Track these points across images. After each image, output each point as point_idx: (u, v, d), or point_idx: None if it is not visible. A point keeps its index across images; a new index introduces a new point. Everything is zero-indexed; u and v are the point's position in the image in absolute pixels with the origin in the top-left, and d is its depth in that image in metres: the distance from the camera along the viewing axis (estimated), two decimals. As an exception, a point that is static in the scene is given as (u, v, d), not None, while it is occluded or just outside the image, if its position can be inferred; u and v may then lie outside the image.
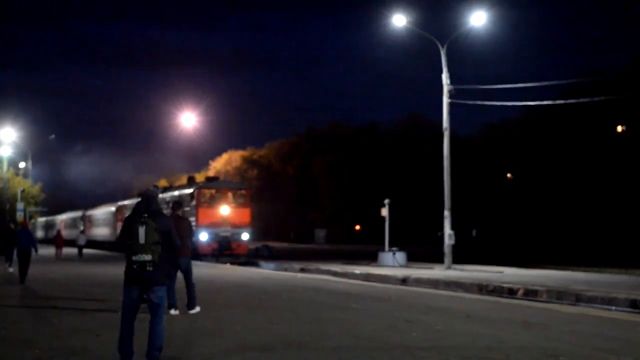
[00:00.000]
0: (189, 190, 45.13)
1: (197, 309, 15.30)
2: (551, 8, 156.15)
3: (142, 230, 9.23)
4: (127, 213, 52.93)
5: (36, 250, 25.83)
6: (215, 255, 42.21)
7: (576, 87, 50.02)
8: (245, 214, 44.25)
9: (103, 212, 67.16)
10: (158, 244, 9.27)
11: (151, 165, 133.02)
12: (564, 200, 72.27)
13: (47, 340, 11.57)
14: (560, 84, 42.79)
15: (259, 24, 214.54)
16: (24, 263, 24.88)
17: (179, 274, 15.41)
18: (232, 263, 40.43)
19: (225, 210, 43.30)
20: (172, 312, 14.93)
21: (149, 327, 9.47)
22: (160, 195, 48.11)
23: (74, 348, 10.87)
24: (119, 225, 55.26)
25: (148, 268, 9.20)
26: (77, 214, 79.61)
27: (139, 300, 9.40)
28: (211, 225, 42.68)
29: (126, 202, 60.39)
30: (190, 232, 15.87)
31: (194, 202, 43.52)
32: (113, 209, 62.50)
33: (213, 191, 44.47)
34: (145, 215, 9.36)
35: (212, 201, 43.81)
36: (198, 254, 40.48)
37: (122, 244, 9.42)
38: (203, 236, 42.19)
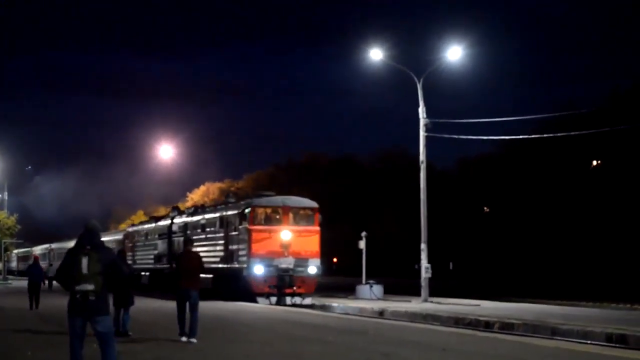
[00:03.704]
0: (237, 210, 35.05)
1: (195, 340, 15.74)
2: (527, 42, 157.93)
3: (84, 261, 9.55)
4: (136, 237, 50.12)
5: (44, 283, 27.57)
6: (273, 294, 32.71)
7: (552, 120, 50.45)
8: (312, 240, 33.88)
9: (110, 240, 63.09)
10: (100, 274, 9.54)
11: (128, 195, 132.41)
12: (540, 234, 72.56)
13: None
14: (536, 118, 43.26)
15: (238, 56, 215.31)
16: (36, 293, 27.21)
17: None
18: (295, 305, 32.03)
19: (286, 235, 33.06)
20: (184, 339, 15.84)
21: (101, 357, 9.69)
22: (194, 218, 40.61)
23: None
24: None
25: (90, 297, 9.50)
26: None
27: (84, 330, 9.66)
28: (268, 255, 32.73)
29: (130, 229, 55.25)
30: (200, 267, 16.62)
31: (244, 225, 33.63)
32: (119, 237, 57.80)
33: (269, 210, 34.42)
34: (88, 247, 9.65)
35: (269, 223, 33.80)
36: (251, 293, 32.64)
37: (63, 275, 9.75)
38: (258, 269, 32.46)
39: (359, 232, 39.83)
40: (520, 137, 43.39)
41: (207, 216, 38.83)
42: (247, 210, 33.88)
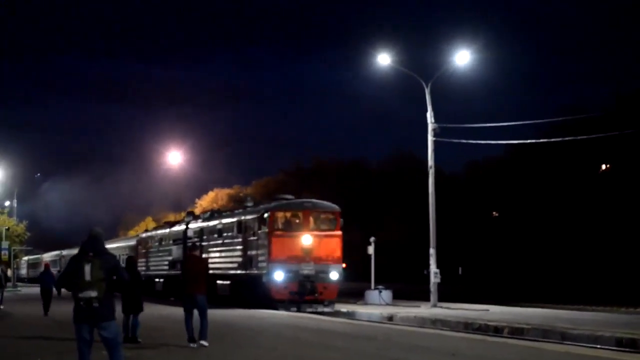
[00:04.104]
0: (256, 214, 33.87)
1: (206, 342, 15.94)
2: (535, 46, 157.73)
3: (87, 268, 9.63)
4: (150, 243, 49.17)
5: (58, 291, 28.14)
6: (294, 300, 31.56)
7: (560, 124, 50.38)
8: (334, 245, 32.82)
9: (123, 246, 60.65)
10: (103, 280, 9.64)
11: (137, 202, 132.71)
12: (549, 238, 72.45)
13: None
14: (544, 122, 43.26)
15: (245, 61, 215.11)
16: (47, 299, 27.89)
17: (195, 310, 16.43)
18: (316, 312, 30.58)
19: (307, 239, 32.02)
20: (192, 345, 15.93)
21: None
22: (210, 223, 39.44)
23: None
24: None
25: (94, 304, 9.59)
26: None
27: (91, 336, 9.75)
28: (289, 261, 31.61)
29: (144, 235, 54.00)
30: (206, 272, 16.82)
31: (264, 229, 32.49)
32: (132, 242, 57.11)
33: (289, 214, 33.62)
34: (91, 254, 9.73)
35: (289, 228, 32.92)
36: (271, 299, 31.44)
37: (65, 282, 9.86)
38: (278, 275, 31.36)
39: (367, 237, 39.77)
40: (529, 141, 43.42)
41: (224, 221, 37.56)
42: (266, 215, 32.72)
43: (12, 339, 18.61)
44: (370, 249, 38.54)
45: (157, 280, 45.95)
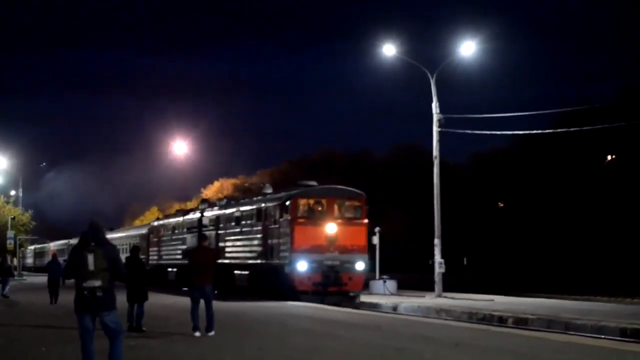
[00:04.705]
0: (277, 201, 32.36)
1: (213, 332, 16.20)
2: (540, 38, 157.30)
3: (91, 258, 9.71)
4: (162, 232, 47.71)
5: (63, 281, 28.36)
6: (318, 292, 30.12)
7: (566, 116, 50.24)
8: (360, 234, 31.53)
9: (133, 234, 59.96)
10: (106, 270, 9.73)
11: (143, 192, 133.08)
12: (555, 229, 72.37)
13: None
14: (550, 113, 43.12)
15: (250, 53, 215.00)
16: (54, 288, 28.40)
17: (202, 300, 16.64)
18: (341, 304, 28.97)
19: (331, 228, 30.58)
20: (197, 334, 16.07)
21: (109, 350, 9.92)
22: (227, 210, 37.85)
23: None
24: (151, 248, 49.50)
25: (98, 293, 9.68)
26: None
27: (93, 325, 9.86)
28: (312, 250, 30.20)
29: (156, 223, 52.19)
30: (214, 262, 17.18)
31: (286, 217, 31.05)
32: (144, 231, 55.44)
33: (312, 201, 31.81)
34: (93, 244, 9.81)
35: (313, 215, 31.22)
36: (294, 290, 30.10)
37: (70, 272, 9.93)
38: (301, 265, 29.98)
39: (372, 227, 39.71)
40: (534, 132, 43.23)
41: (243, 208, 35.95)
42: (288, 202, 31.22)
43: (17, 327, 18.69)
44: (375, 239, 38.53)
45: (169, 269, 44.66)
